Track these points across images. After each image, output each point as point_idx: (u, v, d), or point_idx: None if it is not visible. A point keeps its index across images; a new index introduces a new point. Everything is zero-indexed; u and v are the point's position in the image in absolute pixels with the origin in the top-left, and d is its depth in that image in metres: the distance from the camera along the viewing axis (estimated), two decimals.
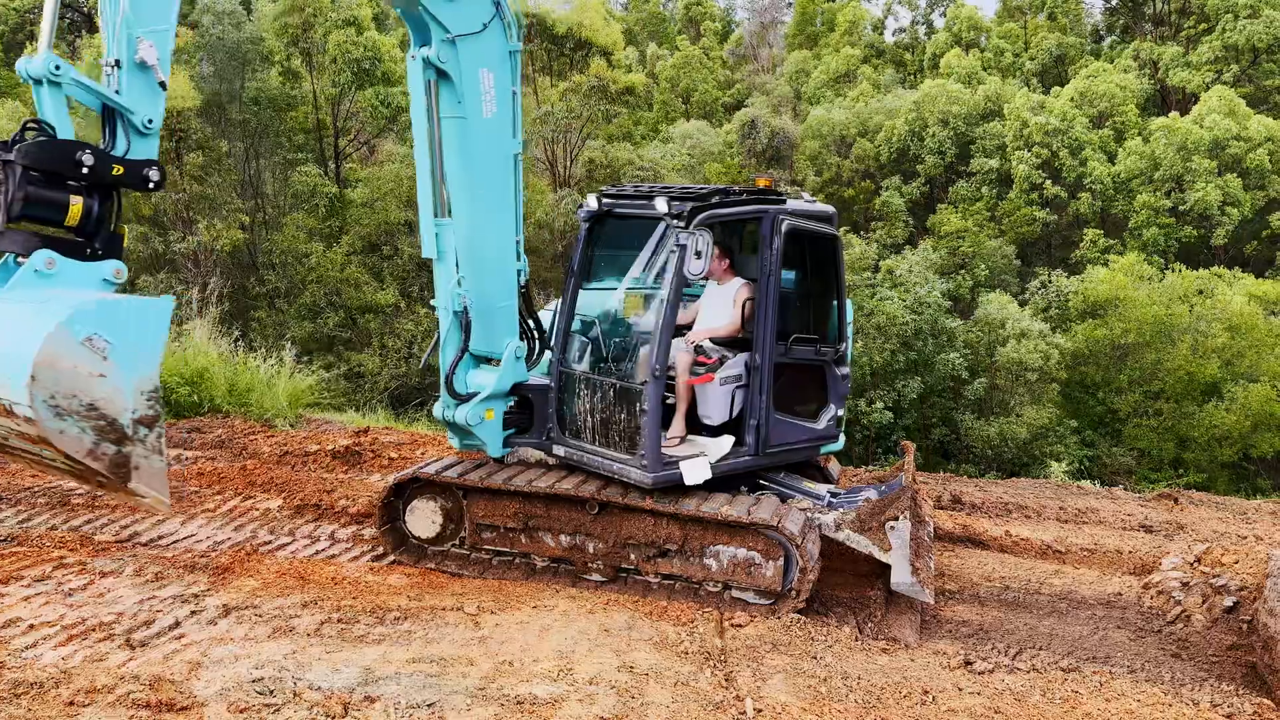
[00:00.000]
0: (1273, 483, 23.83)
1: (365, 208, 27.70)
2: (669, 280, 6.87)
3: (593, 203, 7.62)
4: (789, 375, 7.55)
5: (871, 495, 7.82)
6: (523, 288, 7.60)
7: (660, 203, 6.91)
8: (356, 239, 27.29)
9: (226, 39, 28.09)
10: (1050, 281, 29.13)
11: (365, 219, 27.46)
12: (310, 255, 26.37)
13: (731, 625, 6.57)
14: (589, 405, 7.31)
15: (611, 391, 7.16)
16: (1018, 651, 6.47)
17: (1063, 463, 22.14)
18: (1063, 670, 6.16)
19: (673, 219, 6.86)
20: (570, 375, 7.45)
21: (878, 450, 22.25)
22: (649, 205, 7.09)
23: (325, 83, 29.53)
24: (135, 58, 5.28)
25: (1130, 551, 8.56)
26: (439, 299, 7.35)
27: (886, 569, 6.81)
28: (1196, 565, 7.71)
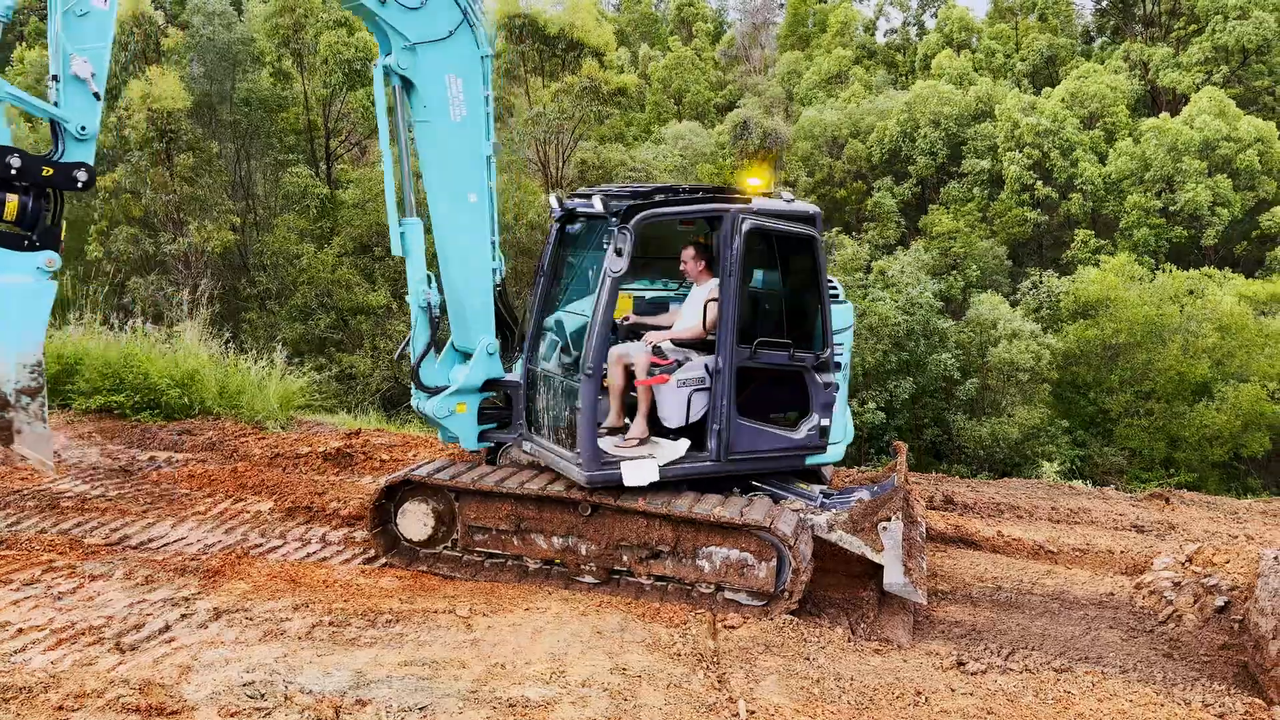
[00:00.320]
0: (1263, 482, 23.94)
1: (356, 209, 27.64)
2: (602, 278, 6.95)
3: (555, 203, 7.78)
4: (762, 381, 7.33)
5: (864, 496, 7.82)
6: (499, 286, 7.77)
7: (597, 201, 7.04)
8: (348, 240, 27.23)
9: (217, 40, 28.02)
10: (1041, 282, 29.21)
11: (356, 220, 27.40)
12: (301, 256, 26.31)
13: (724, 627, 6.57)
14: (544, 403, 7.51)
15: (560, 389, 7.31)
16: (1010, 652, 6.48)
17: (1054, 463, 22.19)
18: (1055, 671, 6.17)
19: (610, 216, 6.93)
20: (534, 373, 7.64)
21: (870, 451, 22.27)
22: (590, 204, 7.25)
23: (316, 84, 29.45)
24: (70, 72, 5.94)
25: (1122, 551, 8.58)
26: (410, 295, 7.63)
27: (879, 570, 6.82)
28: (1188, 565, 7.72)
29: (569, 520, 7.13)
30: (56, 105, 6.06)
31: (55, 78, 6.06)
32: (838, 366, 7.63)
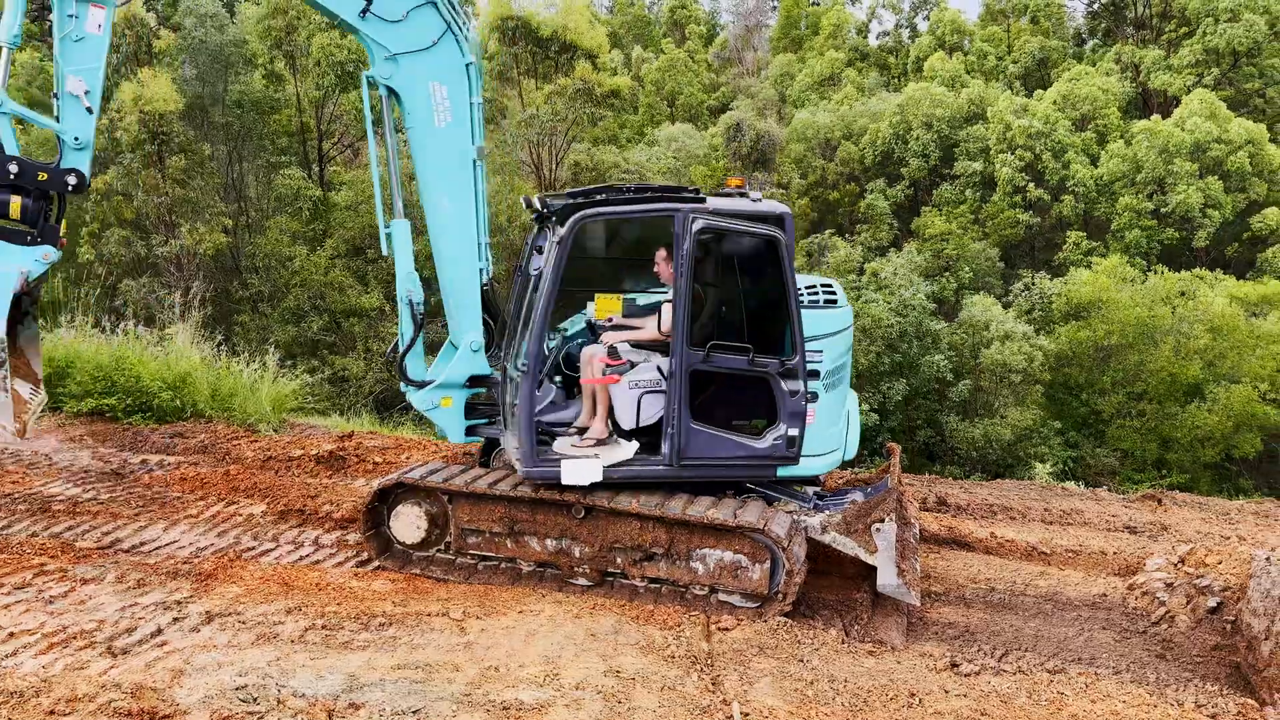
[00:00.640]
0: (1255, 483, 23.99)
1: (349, 211, 27.57)
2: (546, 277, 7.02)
3: (533, 203, 7.90)
4: (724, 386, 7.14)
5: (857, 497, 7.84)
6: (486, 285, 7.95)
7: (536, 201, 7.22)
8: (340, 242, 27.15)
9: (209, 42, 27.92)
10: (1034, 284, 29.26)
11: (349, 222, 27.33)
12: (294, 259, 26.23)
13: (718, 629, 6.57)
14: (506, 400, 7.65)
15: (511, 386, 7.46)
16: (1004, 653, 6.49)
17: (1047, 464, 22.21)
18: (1048, 672, 6.18)
19: (550, 216, 7.06)
20: (506, 370, 7.77)
21: (863, 452, 22.26)
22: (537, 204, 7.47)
23: (309, 86, 29.37)
24: (66, 89, 6.81)
25: (1115, 552, 8.60)
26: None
27: (872, 571, 6.83)
28: (1180, 566, 7.75)
29: (562, 523, 7.13)
30: (57, 120, 6.89)
31: (55, 94, 6.91)
32: (815, 374, 7.28)
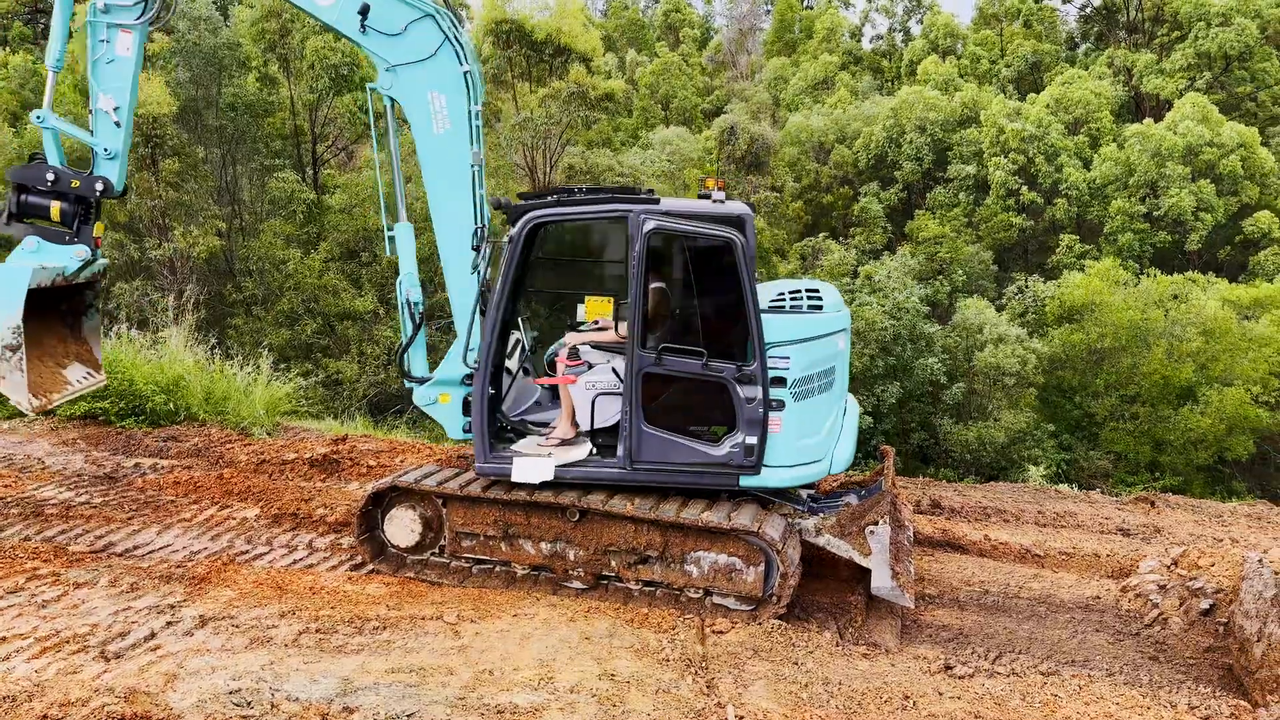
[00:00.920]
0: (1247, 485, 24.07)
1: (343, 214, 27.54)
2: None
3: (501, 202, 7.98)
4: (686, 391, 7.03)
5: (851, 500, 7.84)
6: (484, 286, 7.97)
7: (492, 202, 7.39)
8: (334, 245, 27.12)
9: (203, 44, 27.87)
10: (1027, 287, 29.36)
11: (343, 225, 27.31)
12: (288, 262, 26.18)
13: (713, 632, 6.57)
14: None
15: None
16: (997, 655, 6.51)
17: (1040, 466, 22.26)
18: (1042, 674, 6.20)
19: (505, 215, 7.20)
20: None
21: (857, 455, 22.29)
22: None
23: (303, 88, 29.35)
24: (97, 106, 7.53)
25: (1108, 555, 8.62)
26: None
27: (867, 574, 6.83)
28: (1173, 568, 7.77)
29: (557, 526, 7.12)
30: (92, 133, 7.58)
31: (90, 110, 7.62)
32: (781, 382, 6.96)
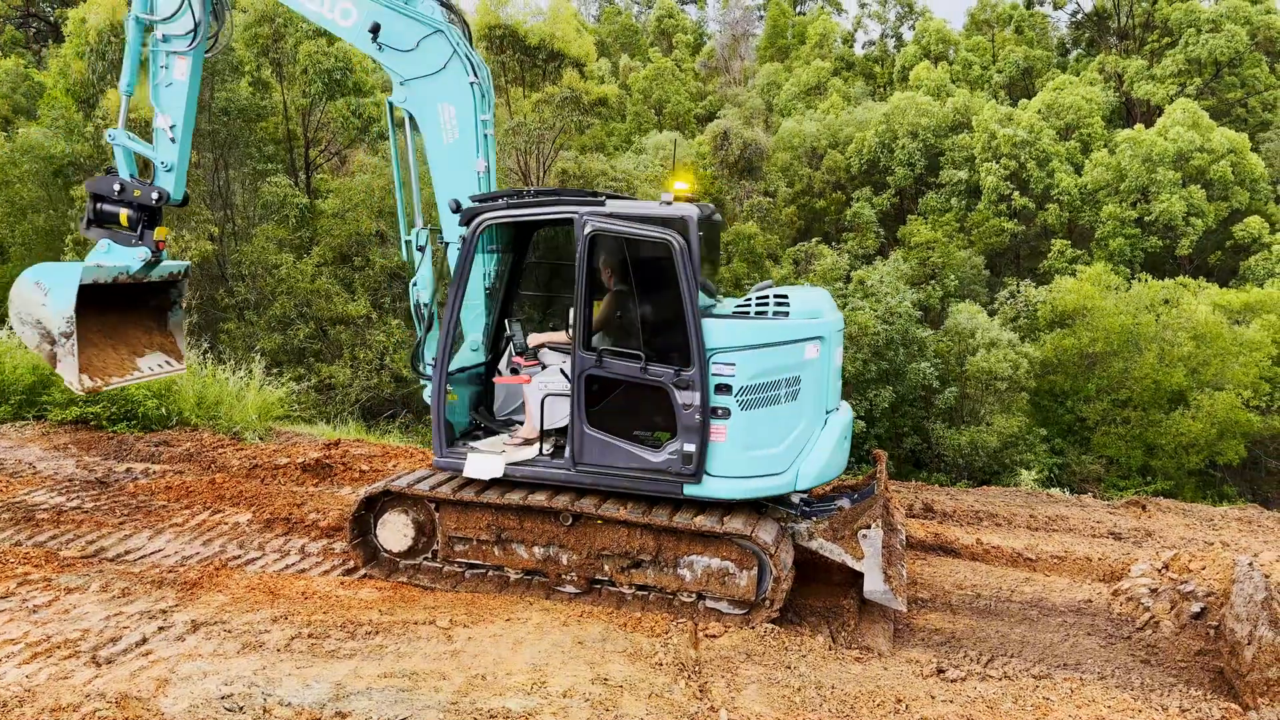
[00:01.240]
0: (1238, 489, 24.14)
1: (336, 218, 27.48)
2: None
3: (458, 204, 8.18)
4: (626, 394, 6.99)
5: (844, 504, 7.86)
6: (489, 288, 8.29)
7: (447, 204, 7.63)
8: (327, 250, 27.05)
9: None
10: (1019, 291, 29.40)
11: (336, 230, 27.24)
12: (280, 266, 26.11)
13: (705, 636, 6.57)
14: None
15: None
16: (990, 659, 6.52)
17: (1032, 470, 22.30)
18: (1034, 677, 6.21)
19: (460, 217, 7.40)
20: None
21: (850, 459, 22.31)
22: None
23: (296, 93, 29.32)
24: (157, 124, 8.47)
25: (1100, 558, 8.64)
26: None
27: (859, 577, 6.85)
28: (1165, 572, 7.79)
29: (550, 530, 7.12)
30: (153, 149, 8.47)
31: (153, 128, 8.48)
32: (726, 389, 6.80)
